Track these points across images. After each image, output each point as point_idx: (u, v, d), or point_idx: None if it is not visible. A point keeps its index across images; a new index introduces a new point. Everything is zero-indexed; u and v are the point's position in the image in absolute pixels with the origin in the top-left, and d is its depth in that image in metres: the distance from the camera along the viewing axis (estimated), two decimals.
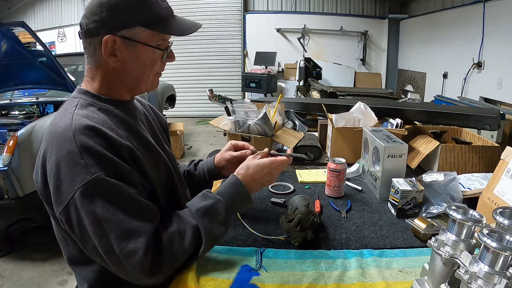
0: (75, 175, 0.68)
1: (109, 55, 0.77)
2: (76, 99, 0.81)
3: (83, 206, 0.68)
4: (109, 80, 0.82)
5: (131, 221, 0.69)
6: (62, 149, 0.70)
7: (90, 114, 0.76)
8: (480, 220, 0.65)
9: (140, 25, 0.77)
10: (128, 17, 0.76)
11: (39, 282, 2.21)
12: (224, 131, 1.67)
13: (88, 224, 0.69)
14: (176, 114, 6.47)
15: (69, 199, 0.69)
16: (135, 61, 0.80)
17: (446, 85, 5.01)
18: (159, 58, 0.83)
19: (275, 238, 0.97)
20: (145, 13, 0.77)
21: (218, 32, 6.87)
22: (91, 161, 0.69)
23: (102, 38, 0.75)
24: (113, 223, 0.68)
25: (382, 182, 1.23)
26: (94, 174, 0.68)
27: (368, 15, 6.80)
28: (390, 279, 0.81)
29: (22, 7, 7.34)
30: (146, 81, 0.84)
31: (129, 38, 0.77)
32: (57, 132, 0.73)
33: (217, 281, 0.80)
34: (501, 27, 3.83)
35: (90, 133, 0.71)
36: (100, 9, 0.74)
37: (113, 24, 0.75)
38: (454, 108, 2.29)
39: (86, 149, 0.69)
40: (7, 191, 2.24)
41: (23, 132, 2.30)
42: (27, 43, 3.20)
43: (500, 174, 1.02)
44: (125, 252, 0.68)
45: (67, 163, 0.69)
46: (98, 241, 0.69)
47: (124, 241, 0.68)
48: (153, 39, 0.79)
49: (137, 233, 0.69)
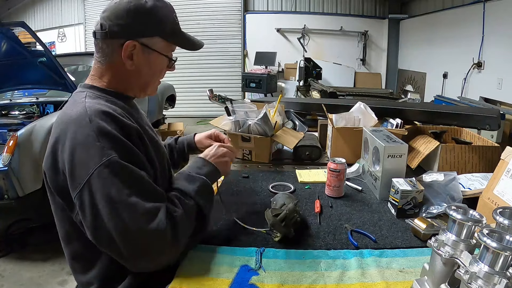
0: (90, 158, 0.71)
1: (127, 58, 0.83)
2: (83, 92, 0.85)
3: (98, 188, 0.70)
4: (119, 79, 0.87)
5: (145, 203, 0.72)
6: (78, 134, 0.73)
7: (102, 102, 0.81)
8: (480, 220, 0.65)
9: (159, 36, 0.86)
10: (150, 27, 0.84)
11: (39, 282, 2.21)
12: (224, 131, 1.67)
13: (103, 206, 0.70)
14: (176, 114, 6.46)
15: (85, 181, 0.71)
16: (148, 67, 0.87)
17: (446, 85, 5.00)
18: (165, 67, 0.92)
19: (256, 230, 0.98)
20: (164, 25, 0.86)
21: (218, 32, 6.87)
22: (107, 144, 0.72)
23: (123, 41, 0.82)
24: (131, 204, 0.71)
25: (382, 182, 1.22)
26: (109, 156, 0.71)
27: (368, 15, 6.80)
28: (390, 279, 0.81)
29: (22, 7, 7.35)
30: (153, 86, 0.93)
31: (147, 46, 0.85)
32: (72, 119, 0.76)
33: (217, 281, 0.80)
34: (501, 27, 3.83)
35: (106, 118, 0.76)
36: (127, 15, 0.81)
37: (137, 31, 0.83)
38: (454, 108, 2.29)
39: (102, 133, 0.73)
40: (7, 191, 2.24)
41: (23, 132, 2.30)
42: (27, 43, 3.19)
43: (500, 174, 1.02)
44: (148, 231, 0.70)
45: (84, 147, 0.72)
46: (113, 223, 0.69)
47: (147, 220, 0.71)
48: (166, 49, 0.89)
49: (155, 211, 0.73)
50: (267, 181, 1.39)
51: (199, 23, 6.76)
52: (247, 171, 1.50)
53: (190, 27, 6.63)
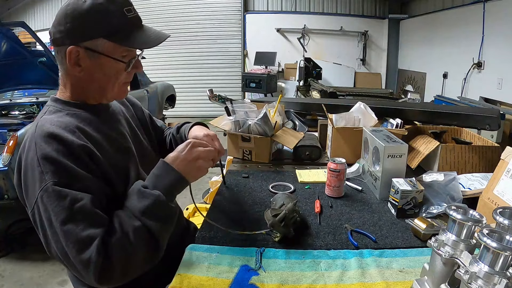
0: (35, 182, 0.72)
1: (74, 65, 0.79)
2: (47, 106, 0.85)
3: (42, 211, 0.71)
4: (77, 87, 0.84)
5: (80, 231, 0.69)
6: (28, 156, 0.74)
7: (54, 118, 0.79)
8: (480, 220, 0.65)
9: (102, 36, 0.78)
10: (90, 28, 0.78)
11: (39, 282, 2.21)
12: (224, 131, 1.67)
13: (47, 228, 0.71)
14: (176, 114, 6.47)
15: (33, 204, 0.72)
16: (99, 71, 0.82)
17: (446, 85, 5.00)
18: (123, 69, 0.84)
19: (258, 233, 0.98)
20: (107, 25, 0.78)
21: (218, 32, 6.87)
22: (46, 168, 0.71)
23: (67, 49, 0.77)
24: (65, 232, 0.69)
25: (382, 182, 1.22)
26: (47, 181, 0.70)
27: (368, 15, 6.80)
28: (390, 279, 0.81)
29: (22, 7, 7.34)
30: (112, 90, 0.86)
31: (92, 49, 0.78)
32: (26, 140, 0.77)
33: (217, 281, 0.80)
34: (501, 27, 3.82)
35: (48, 139, 0.73)
36: (65, 20, 0.77)
37: (77, 35, 0.78)
38: (454, 108, 2.29)
39: (43, 156, 0.72)
40: (7, 191, 2.25)
41: (23, 132, 2.30)
42: (27, 43, 3.20)
43: (500, 174, 1.02)
44: (78, 260, 0.68)
45: (31, 170, 0.73)
46: (55, 246, 0.71)
47: (78, 250, 0.68)
48: (116, 50, 0.80)
49: (87, 242, 0.68)
50: (267, 181, 1.39)
51: (199, 23, 6.76)
52: (247, 171, 1.50)
53: (190, 27, 6.65)
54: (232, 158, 1.66)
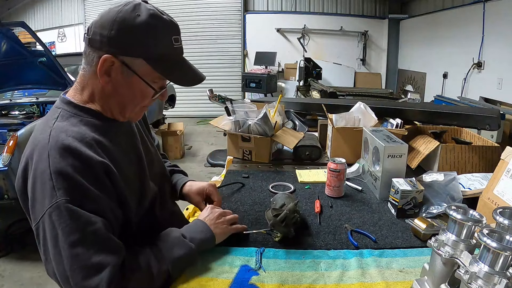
0: (45, 197, 0.67)
1: (104, 74, 0.75)
2: (58, 109, 0.79)
3: (49, 229, 0.67)
4: (97, 95, 0.80)
5: (90, 256, 0.66)
6: (38, 167, 0.69)
7: (69, 127, 0.74)
8: (480, 220, 0.65)
9: (143, 58, 0.74)
10: (134, 45, 0.74)
11: (39, 282, 2.21)
12: (224, 131, 1.67)
13: (51, 247, 0.68)
14: (176, 114, 6.47)
15: (39, 218, 0.69)
16: (127, 89, 0.78)
17: (446, 85, 5.00)
18: (150, 95, 0.80)
19: (257, 232, 0.98)
20: (152, 48, 0.75)
21: (218, 32, 6.88)
22: (58, 184, 0.67)
23: (102, 54, 0.73)
24: (72, 255, 0.65)
25: (382, 182, 1.22)
26: (59, 198, 0.66)
27: (368, 15, 6.80)
28: (390, 279, 0.81)
29: (22, 7, 7.35)
30: (132, 111, 0.83)
31: (127, 66, 0.75)
32: (37, 147, 0.72)
33: (217, 281, 0.80)
34: (501, 27, 3.82)
35: (64, 153, 0.69)
36: (111, 26, 0.72)
37: (118, 46, 0.73)
38: (454, 108, 2.29)
39: (56, 171, 0.67)
40: (7, 191, 2.25)
41: (23, 132, 2.31)
42: (27, 43, 3.20)
43: (500, 174, 1.02)
44: (81, 287, 0.65)
45: (41, 182, 0.68)
46: (55, 267, 0.68)
47: (84, 277, 0.65)
48: (150, 75, 0.77)
49: (97, 269, 0.66)
50: (267, 181, 1.39)
51: (199, 23, 6.77)
52: (247, 171, 1.50)
53: (190, 27, 6.64)
54: (232, 158, 1.66)
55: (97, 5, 6.97)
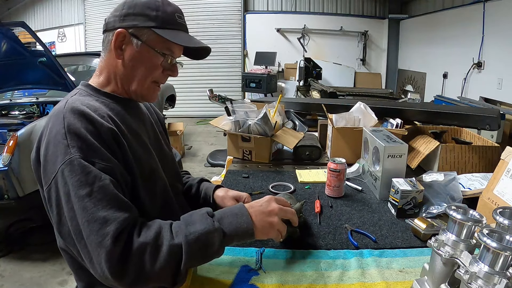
0: (57, 155, 0.70)
1: (117, 48, 0.82)
2: (77, 89, 0.86)
3: (62, 185, 0.69)
4: (112, 73, 0.86)
5: (97, 210, 0.66)
6: (53, 130, 0.73)
7: (85, 101, 0.79)
8: (480, 220, 0.65)
9: (150, 27, 0.82)
10: (142, 17, 0.82)
11: (39, 282, 2.21)
12: (224, 131, 1.67)
13: (64, 204, 0.69)
14: (176, 114, 6.47)
15: (52, 178, 0.70)
16: (136, 60, 0.84)
17: (446, 85, 5.01)
18: (159, 64, 0.86)
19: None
20: (158, 19, 0.83)
21: (218, 32, 6.87)
22: (73, 142, 0.70)
23: (116, 31, 0.81)
24: (82, 208, 0.67)
25: (382, 182, 1.22)
26: (72, 154, 0.69)
27: (368, 15, 6.80)
28: (390, 279, 0.81)
29: (22, 7, 7.35)
30: (141, 84, 0.86)
31: (137, 36, 0.82)
32: (53, 114, 0.76)
33: (217, 281, 0.80)
34: (501, 27, 3.83)
35: (79, 116, 0.73)
36: (122, 6, 0.83)
37: (129, 20, 0.82)
38: (454, 108, 2.29)
39: (70, 130, 0.71)
40: (7, 191, 2.25)
41: (23, 132, 2.31)
42: (27, 43, 3.19)
43: (500, 174, 1.02)
44: (91, 241, 0.65)
45: (54, 143, 0.71)
46: (70, 224, 0.69)
47: (91, 230, 0.65)
48: (158, 45, 0.84)
49: (107, 221, 0.66)
50: (267, 181, 1.39)
51: (199, 23, 6.76)
52: (247, 171, 1.50)
53: (190, 27, 6.60)
54: (232, 158, 1.66)
55: (97, 5, 6.97)
